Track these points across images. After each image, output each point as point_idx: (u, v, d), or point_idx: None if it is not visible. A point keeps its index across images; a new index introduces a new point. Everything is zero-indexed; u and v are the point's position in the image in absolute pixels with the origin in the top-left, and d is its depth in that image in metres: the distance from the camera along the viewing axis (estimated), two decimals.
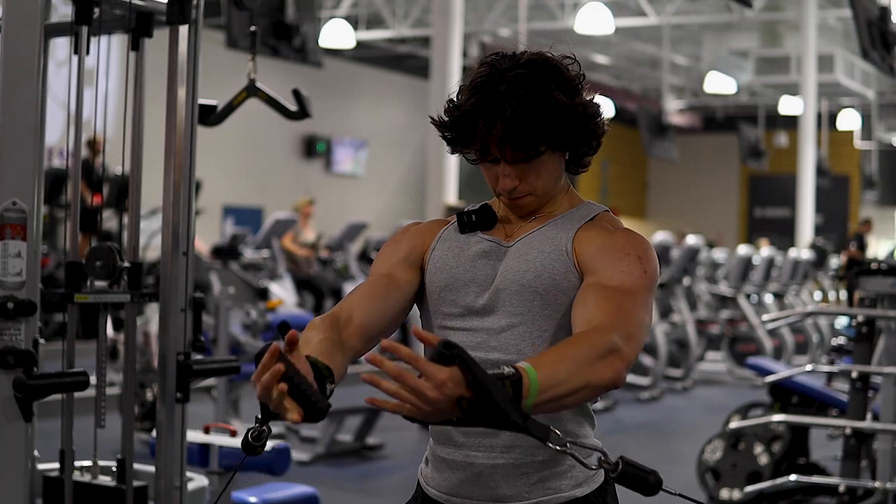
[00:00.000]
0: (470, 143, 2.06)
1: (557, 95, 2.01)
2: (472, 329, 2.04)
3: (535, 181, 2.07)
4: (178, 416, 3.39)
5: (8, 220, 3.02)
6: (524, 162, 2.04)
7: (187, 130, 3.38)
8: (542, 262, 2.04)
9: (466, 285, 2.07)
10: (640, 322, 1.94)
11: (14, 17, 3.07)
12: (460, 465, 2.04)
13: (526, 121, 1.99)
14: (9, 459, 3.04)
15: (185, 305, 3.37)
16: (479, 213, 2.15)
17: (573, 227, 2.09)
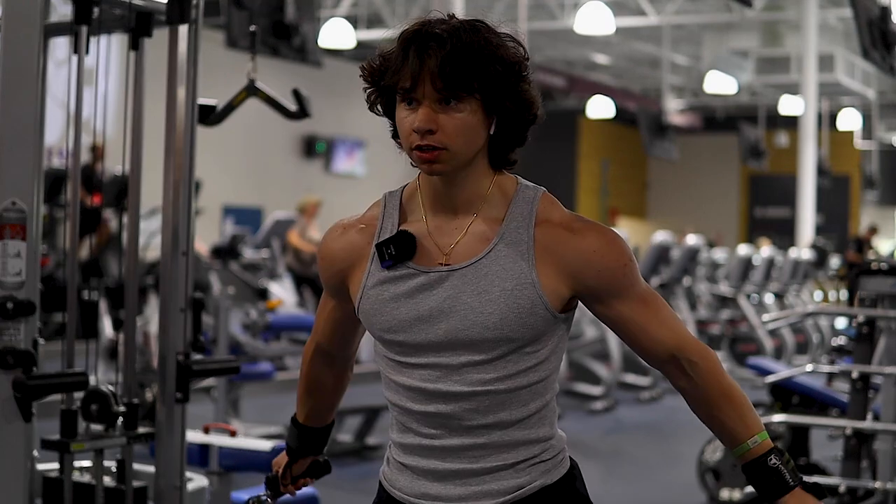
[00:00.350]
0: (396, 81, 1.95)
1: (495, 45, 1.96)
2: (427, 365, 1.99)
3: (453, 135, 1.92)
4: (177, 416, 3.39)
5: (7, 220, 3.02)
6: (447, 105, 1.91)
7: (187, 130, 3.38)
8: (506, 302, 1.95)
9: (412, 325, 1.98)
10: (680, 320, 2.07)
11: (14, 17, 3.07)
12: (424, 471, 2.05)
13: (462, 55, 1.91)
14: (8, 459, 3.04)
15: (184, 305, 3.36)
16: (396, 243, 2.00)
17: (526, 242, 1.98)
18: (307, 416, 2.35)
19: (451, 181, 1.99)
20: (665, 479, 7.44)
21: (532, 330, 1.97)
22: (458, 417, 1.98)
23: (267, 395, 9.50)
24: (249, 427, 7.51)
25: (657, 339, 2.02)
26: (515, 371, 1.98)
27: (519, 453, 2.00)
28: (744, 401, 2.04)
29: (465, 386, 1.97)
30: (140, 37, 3.40)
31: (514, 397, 1.98)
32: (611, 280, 1.99)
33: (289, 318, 9.57)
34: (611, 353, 10.26)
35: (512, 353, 1.97)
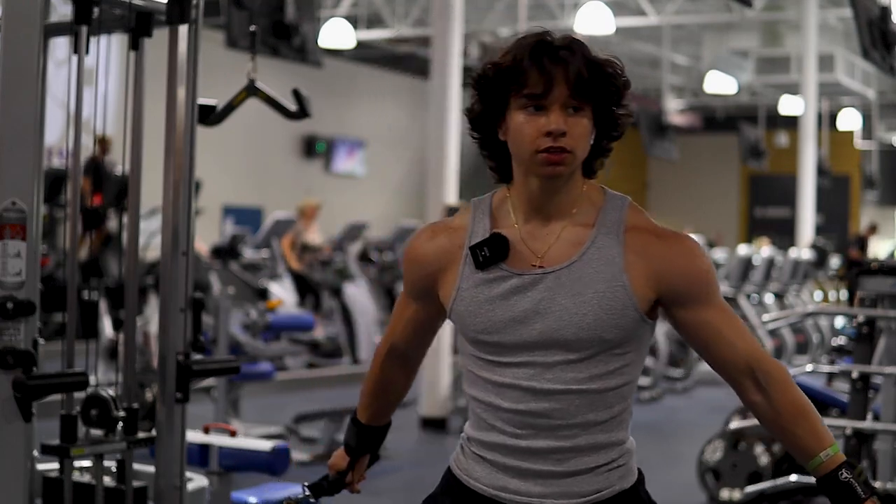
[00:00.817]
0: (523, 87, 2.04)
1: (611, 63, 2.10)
2: (524, 363, 2.07)
3: (578, 140, 2.06)
4: (177, 416, 3.39)
5: (7, 220, 3.01)
6: (576, 112, 2.05)
7: (187, 130, 3.38)
8: (599, 303, 2.05)
9: (507, 325, 2.07)
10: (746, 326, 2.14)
11: (14, 17, 3.07)
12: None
13: (591, 67, 2.05)
14: (8, 459, 3.04)
15: (184, 305, 3.36)
16: (491, 245, 2.10)
17: (617, 247, 2.09)
18: (371, 416, 2.44)
19: (554, 186, 2.10)
20: (665, 479, 7.43)
21: (623, 331, 2.06)
22: (548, 416, 2.06)
23: (267, 395, 9.50)
24: (249, 427, 7.51)
25: (736, 348, 2.09)
26: (605, 371, 2.07)
27: (600, 457, 2.10)
28: (815, 414, 2.10)
29: (559, 384, 2.06)
30: (140, 37, 3.40)
31: (601, 398, 2.08)
32: (696, 285, 2.09)
33: (289, 318, 9.57)
34: None
35: (603, 353, 2.07)
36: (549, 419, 2.06)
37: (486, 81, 2.09)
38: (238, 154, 18.69)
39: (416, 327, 2.29)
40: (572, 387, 2.06)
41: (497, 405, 2.09)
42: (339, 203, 19.25)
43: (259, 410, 8.63)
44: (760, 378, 2.09)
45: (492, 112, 2.10)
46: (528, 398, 2.06)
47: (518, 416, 2.07)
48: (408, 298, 2.26)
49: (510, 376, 2.07)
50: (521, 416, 2.07)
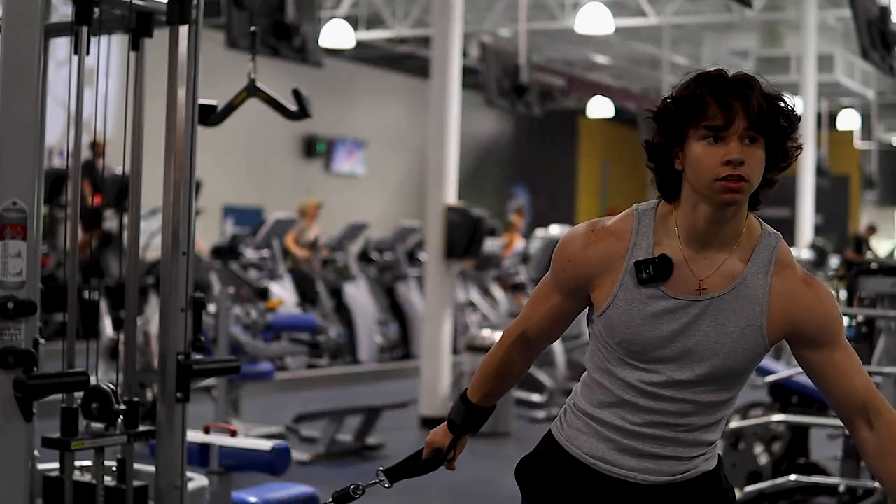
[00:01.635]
0: (701, 118, 2.16)
1: (784, 99, 2.21)
2: (654, 371, 2.27)
3: (753, 169, 2.17)
4: (178, 416, 3.39)
5: (8, 220, 3.02)
6: (752, 144, 2.16)
7: (187, 130, 3.38)
8: (737, 338, 2.23)
9: (652, 341, 2.25)
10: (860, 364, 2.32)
11: (14, 17, 3.07)
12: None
13: (769, 101, 2.17)
14: (9, 459, 3.04)
15: (185, 305, 3.37)
16: (655, 266, 2.24)
17: (763, 287, 2.24)
18: (483, 397, 2.54)
19: (724, 216, 2.22)
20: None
21: (750, 363, 2.28)
22: (660, 413, 2.28)
23: (267, 394, 9.50)
24: (249, 427, 7.52)
25: (854, 387, 2.28)
26: (721, 388, 2.29)
27: (693, 450, 2.32)
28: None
29: (679, 393, 2.27)
30: (140, 37, 3.40)
31: (711, 408, 2.30)
32: (828, 330, 2.27)
33: (289, 318, 9.57)
34: None
35: (727, 377, 2.27)
36: (660, 416, 2.28)
37: (667, 114, 2.23)
38: (238, 154, 18.69)
39: (555, 319, 2.42)
40: (688, 397, 2.27)
41: (618, 395, 2.30)
42: (339, 203, 19.26)
43: (259, 410, 8.63)
44: (871, 416, 2.27)
45: (670, 143, 2.23)
46: (648, 399, 2.28)
47: (633, 408, 2.28)
48: (554, 291, 2.38)
49: (637, 378, 2.28)
50: (634, 408, 2.28)
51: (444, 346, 8.95)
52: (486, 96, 13.20)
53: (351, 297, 12.26)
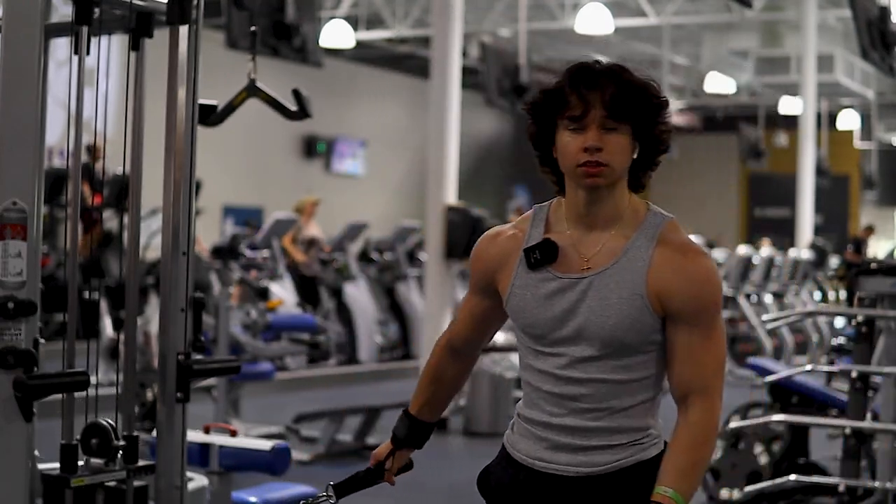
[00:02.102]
0: (564, 109, 2.32)
1: (645, 85, 2.34)
2: (559, 354, 2.37)
3: (614, 155, 2.30)
4: (178, 416, 3.39)
5: (8, 220, 3.02)
6: (612, 131, 2.30)
7: (187, 130, 3.38)
8: (621, 309, 2.32)
9: (547, 322, 2.37)
10: (722, 377, 2.36)
11: (14, 17, 3.07)
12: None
13: (628, 90, 2.31)
14: (9, 459, 3.04)
15: (185, 305, 3.37)
16: (541, 249, 2.37)
17: (644, 259, 2.33)
18: (420, 407, 2.67)
19: (598, 198, 2.35)
20: None
21: (639, 334, 2.33)
22: (578, 400, 2.36)
23: (267, 394, 9.51)
24: (249, 427, 7.52)
25: (683, 373, 2.34)
26: (627, 365, 2.35)
27: (622, 437, 2.37)
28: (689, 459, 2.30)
29: (585, 374, 2.35)
30: (140, 37, 3.40)
31: (625, 388, 2.36)
32: (694, 311, 2.33)
33: (289, 318, 9.57)
34: None
35: (624, 350, 2.34)
36: (578, 402, 2.36)
37: (537, 107, 2.39)
38: (238, 154, 18.69)
39: (476, 320, 2.56)
40: (596, 376, 2.35)
41: (539, 387, 2.40)
42: (339, 203, 19.26)
43: (259, 410, 8.63)
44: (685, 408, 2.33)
45: (545, 133, 2.38)
46: (562, 384, 2.37)
47: (554, 398, 2.38)
48: (471, 293, 2.56)
49: (549, 365, 2.38)
50: (556, 399, 2.38)
51: None
52: (486, 96, 13.20)
53: (351, 297, 12.26)
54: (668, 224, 2.37)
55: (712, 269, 2.35)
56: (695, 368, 2.33)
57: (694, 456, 2.31)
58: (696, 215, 27.76)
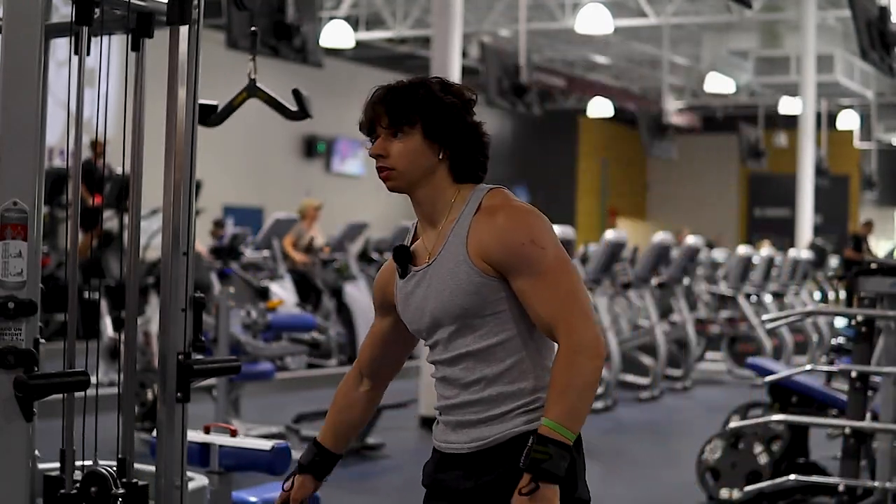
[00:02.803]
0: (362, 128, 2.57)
1: (430, 92, 2.47)
2: (434, 342, 2.53)
3: (398, 159, 2.48)
4: (178, 415, 3.39)
5: (9, 220, 3.02)
6: (394, 137, 2.48)
7: (188, 131, 3.38)
8: (452, 279, 2.44)
9: (414, 317, 2.55)
10: (575, 300, 2.37)
11: (14, 18, 3.08)
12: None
13: (401, 96, 2.48)
14: (9, 459, 3.05)
15: (185, 305, 3.37)
16: (395, 256, 2.57)
17: (465, 230, 2.45)
18: (329, 436, 2.77)
19: (417, 198, 2.52)
20: (665, 478, 7.44)
21: (477, 296, 2.43)
22: (457, 378, 2.49)
23: (267, 394, 9.51)
24: (250, 427, 7.52)
25: (539, 315, 2.40)
26: (484, 332, 2.44)
27: (506, 404, 2.44)
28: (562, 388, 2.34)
29: (454, 352, 2.48)
30: (141, 37, 3.40)
31: (490, 355, 2.45)
32: (512, 256, 2.39)
33: (289, 318, 9.57)
34: (610, 353, 10.26)
35: (472, 318, 2.44)
36: (461, 380, 2.48)
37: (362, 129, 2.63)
38: (238, 154, 18.69)
39: (378, 339, 2.73)
40: (462, 351, 2.46)
41: (436, 377, 2.56)
42: (339, 203, 19.27)
43: (259, 410, 8.64)
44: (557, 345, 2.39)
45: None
46: (445, 367, 2.51)
47: (445, 382, 2.53)
48: (376, 317, 2.73)
49: (434, 355, 2.54)
50: (447, 382, 2.52)
51: None
52: (486, 96, 13.20)
53: (351, 297, 12.26)
54: (487, 194, 2.48)
55: (518, 214, 2.42)
56: (543, 307, 2.37)
57: (565, 381, 2.32)
58: (696, 215, 27.78)
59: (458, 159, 2.50)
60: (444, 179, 2.49)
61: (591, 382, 2.33)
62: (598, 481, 8.24)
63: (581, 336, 2.34)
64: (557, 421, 2.31)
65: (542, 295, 2.37)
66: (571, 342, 2.34)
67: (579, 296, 2.38)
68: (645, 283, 11.63)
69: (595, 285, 10.75)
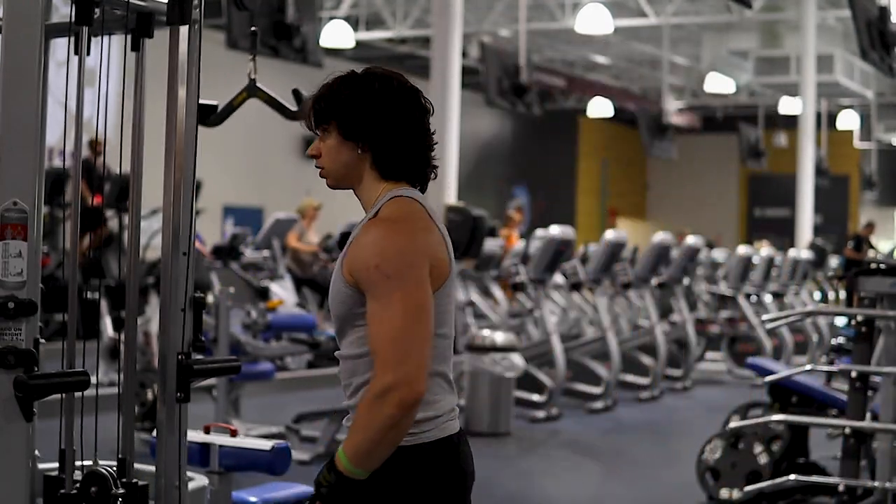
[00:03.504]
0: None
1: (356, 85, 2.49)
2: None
3: (324, 159, 2.53)
4: (178, 415, 3.39)
5: (8, 220, 3.02)
6: (324, 137, 2.52)
7: (188, 131, 3.39)
8: (334, 282, 2.48)
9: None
10: (394, 342, 2.31)
11: (14, 18, 3.08)
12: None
13: (321, 97, 2.51)
14: (10, 459, 3.05)
15: (185, 305, 3.37)
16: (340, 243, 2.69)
17: (356, 235, 2.47)
18: None
19: (357, 195, 2.56)
20: (665, 478, 7.44)
21: (344, 305, 2.44)
22: (341, 378, 2.50)
23: (267, 394, 9.51)
24: (250, 427, 7.52)
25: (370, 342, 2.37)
26: (352, 341, 2.44)
27: None
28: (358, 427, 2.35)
29: (338, 352, 2.51)
30: (141, 37, 3.40)
31: (357, 364, 2.43)
32: (360, 276, 2.39)
33: (289, 318, 9.57)
34: (610, 353, 10.26)
35: (345, 325, 2.45)
36: (342, 381, 2.49)
37: None
38: (238, 154, 18.69)
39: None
40: (342, 353, 2.48)
41: None
42: (338, 203, 19.24)
43: (259, 410, 8.63)
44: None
45: None
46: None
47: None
48: None
49: None
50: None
51: None
52: (486, 96, 13.21)
53: None
54: (385, 204, 2.46)
55: (377, 237, 2.39)
56: (370, 337, 2.36)
57: (363, 420, 2.32)
58: (696, 215, 27.79)
59: (380, 157, 2.48)
60: (370, 177, 2.51)
61: (382, 429, 2.29)
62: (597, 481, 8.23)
63: (385, 382, 2.29)
64: (347, 454, 2.33)
65: (371, 323, 2.36)
66: (376, 385, 2.30)
67: (403, 336, 2.31)
68: (645, 283, 11.64)
69: (595, 285, 10.76)
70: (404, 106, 2.46)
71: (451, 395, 2.46)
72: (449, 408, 2.44)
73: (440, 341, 2.41)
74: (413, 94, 2.48)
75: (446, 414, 2.43)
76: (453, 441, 2.43)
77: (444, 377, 2.44)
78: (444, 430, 2.42)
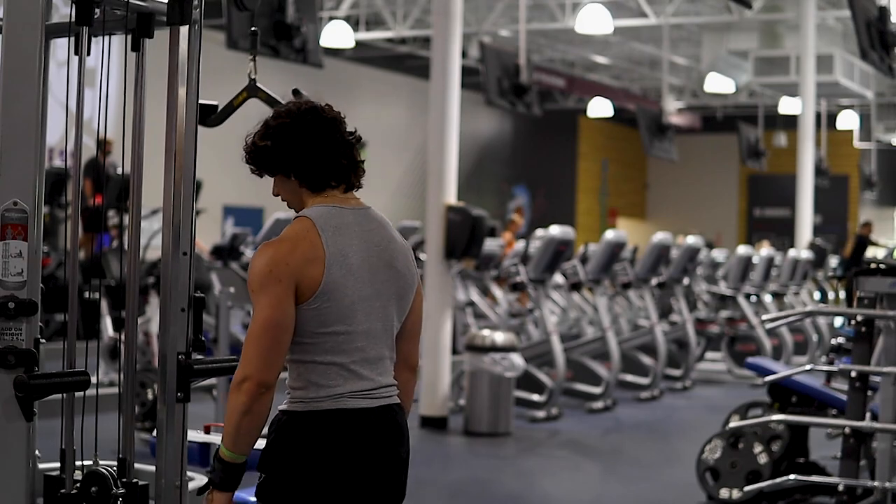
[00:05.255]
0: None
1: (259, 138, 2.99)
2: None
3: (282, 194, 2.98)
4: (178, 415, 3.40)
5: (9, 220, 3.02)
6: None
7: (188, 130, 3.39)
8: None
9: None
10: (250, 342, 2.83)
11: (15, 18, 3.08)
12: None
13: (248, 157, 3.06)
14: (10, 459, 3.05)
15: (185, 305, 3.37)
16: None
17: None
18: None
19: None
20: (665, 478, 7.45)
21: None
22: None
23: None
24: None
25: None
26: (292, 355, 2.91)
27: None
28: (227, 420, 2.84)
29: None
30: (141, 37, 3.40)
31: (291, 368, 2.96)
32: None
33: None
34: (610, 353, 10.27)
35: None
36: None
37: None
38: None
39: None
40: None
41: None
42: None
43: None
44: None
45: None
46: None
47: None
48: None
49: None
50: None
51: (444, 346, 8.95)
52: (486, 96, 13.21)
53: None
54: (290, 223, 2.89)
55: (254, 257, 2.82)
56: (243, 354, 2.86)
57: (227, 409, 2.84)
58: (696, 215, 27.79)
59: (302, 178, 2.94)
60: (306, 195, 2.95)
61: (238, 414, 2.81)
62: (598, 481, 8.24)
63: (239, 375, 2.82)
64: (222, 440, 2.83)
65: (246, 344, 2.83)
66: (234, 378, 2.83)
67: (256, 342, 2.81)
68: (645, 283, 11.64)
69: (595, 285, 10.76)
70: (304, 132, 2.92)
71: (357, 380, 2.82)
72: (351, 389, 2.82)
73: (330, 337, 2.80)
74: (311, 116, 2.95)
75: (348, 394, 2.81)
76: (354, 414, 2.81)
77: (341, 366, 2.82)
78: (343, 404, 2.81)
